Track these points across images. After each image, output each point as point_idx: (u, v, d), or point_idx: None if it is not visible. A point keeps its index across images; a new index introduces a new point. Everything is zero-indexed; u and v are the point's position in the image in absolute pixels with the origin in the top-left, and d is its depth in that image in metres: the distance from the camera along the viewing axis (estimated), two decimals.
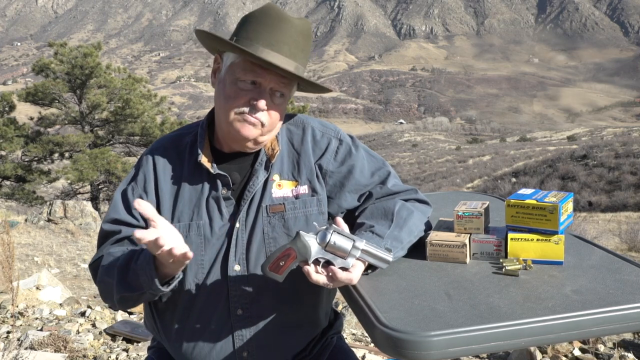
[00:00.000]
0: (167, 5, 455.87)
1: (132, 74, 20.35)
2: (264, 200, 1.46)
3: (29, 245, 10.06)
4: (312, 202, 1.49)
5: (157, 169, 1.50)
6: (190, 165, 1.49)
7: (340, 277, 1.27)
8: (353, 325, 4.62)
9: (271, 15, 1.38)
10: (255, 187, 1.46)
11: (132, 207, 1.47)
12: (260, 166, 1.47)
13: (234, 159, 1.50)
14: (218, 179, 1.46)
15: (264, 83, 1.38)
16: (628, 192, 33.12)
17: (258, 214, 1.46)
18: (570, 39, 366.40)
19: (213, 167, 1.46)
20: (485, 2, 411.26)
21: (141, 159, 1.54)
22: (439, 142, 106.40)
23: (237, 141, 1.44)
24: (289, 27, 1.38)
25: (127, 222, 1.47)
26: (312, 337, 1.57)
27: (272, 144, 1.50)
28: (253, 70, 1.37)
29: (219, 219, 1.45)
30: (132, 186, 1.50)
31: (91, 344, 3.92)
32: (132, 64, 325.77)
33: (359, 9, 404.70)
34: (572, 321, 1.13)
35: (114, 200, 1.52)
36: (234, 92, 1.39)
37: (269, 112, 1.40)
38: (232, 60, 1.41)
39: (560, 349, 3.56)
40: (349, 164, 1.52)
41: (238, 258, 1.44)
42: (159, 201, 1.47)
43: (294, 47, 1.39)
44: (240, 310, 1.44)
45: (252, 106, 1.38)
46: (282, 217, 1.46)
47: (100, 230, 1.52)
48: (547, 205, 1.37)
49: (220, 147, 1.50)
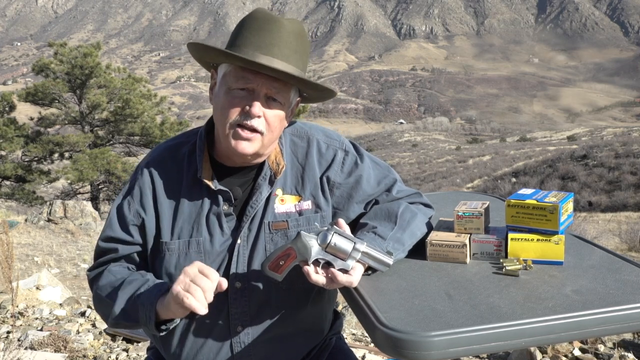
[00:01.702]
0: (167, 5, 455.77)
1: (132, 74, 20.36)
2: (266, 216, 1.43)
3: (29, 245, 10.05)
4: (315, 219, 1.46)
5: (155, 183, 1.45)
6: (189, 178, 1.44)
7: (340, 279, 1.26)
8: (353, 325, 4.62)
9: (259, 19, 1.34)
10: (258, 204, 1.42)
11: (128, 223, 1.43)
12: (264, 181, 1.43)
13: (236, 172, 1.45)
14: (219, 194, 1.42)
15: (256, 89, 1.33)
16: (628, 192, 33.13)
17: (260, 231, 1.42)
18: (570, 39, 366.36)
19: (214, 183, 1.41)
20: (485, 2, 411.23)
21: (137, 171, 1.49)
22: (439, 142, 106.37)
23: (237, 156, 1.40)
24: (278, 29, 1.33)
25: (123, 239, 1.44)
26: (314, 345, 1.55)
27: (277, 157, 1.46)
28: (244, 76, 1.33)
29: (220, 235, 1.42)
30: (129, 201, 1.45)
31: (91, 344, 3.92)
32: (132, 64, 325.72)
33: (359, 9, 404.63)
34: (572, 321, 1.13)
35: (110, 215, 1.47)
36: (228, 102, 1.34)
37: (266, 119, 1.35)
38: (224, 71, 1.37)
39: (560, 349, 3.56)
40: (356, 175, 1.50)
41: (239, 274, 1.42)
42: (158, 216, 1.43)
43: (285, 48, 1.33)
44: (240, 327, 1.43)
45: (246, 114, 1.33)
46: (285, 235, 1.43)
47: (96, 246, 1.50)
48: (547, 206, 1.37)
49: (220, 160, 1.45)
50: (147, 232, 1.43)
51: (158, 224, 1.43)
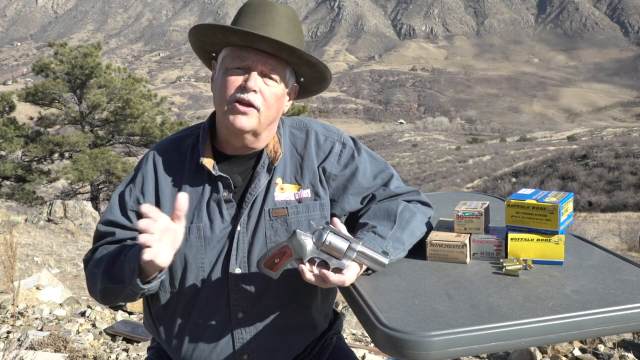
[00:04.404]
0: (167, 5, 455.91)
1: (132, 74, 20.35)
2: (266, 204, 1.45)
3: (29, 245, 10.06)
4: (315, 206, 1.48)
5: (158, 171, 1.49)
6: (192, 167, 1.48)
7: (331, 280, 1.27)
8: (353, 325, 4.63)
9: (253, 3, 1.41)
10: (257, 190, 1.45)
11: (127, 209, 1.46)
12: (262, 169, 1.47)
13: (236, 161, 1.49)
14: (219, 181, 1.45)
15: (252, 65, 1.38)
16: (628, 192, 33.16)
17: (260, 217, 1.45)
18: (570, 39, 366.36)
19: (215, 169, 1.45)
20: (485, 2, 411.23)
21: (142, 161, 1.53)
22: (439, 142, 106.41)
23: (235, 135, 1.43)
24: (272, 10, 1.39)
25: (121, 224, 1.46)
26: (312, 340, 1.57)
27: (275, 146, 1.49)
28: (240, 55, 1.38)
29: (220, 221, 1.44)
30: (130, 187, 1.49)
31: (91, 344, 3.92)
32: (132, 64, 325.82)
33: (359, 9, 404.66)
34: (572, 321, 1.13)
35: (111, 201, 1.51)
36: (225, 81, 1.39)
37: (262, 95, 1.38)
38: (223, 55, 1.43)
39: (560, 349, 3.56)
40: (352, 167, 1.52)
41: (239, 261, 1.43)
42: (159, 203, 1.46)
43: (279, 28, 1.38)
44: (241, 314, 1.44)
45: (242, 88, 1.37)
46: (284, 221, 1.46)
47: (95, 230, 1.52)
48: (547, 205, 1.37)
49: (222, 148, 1.49)
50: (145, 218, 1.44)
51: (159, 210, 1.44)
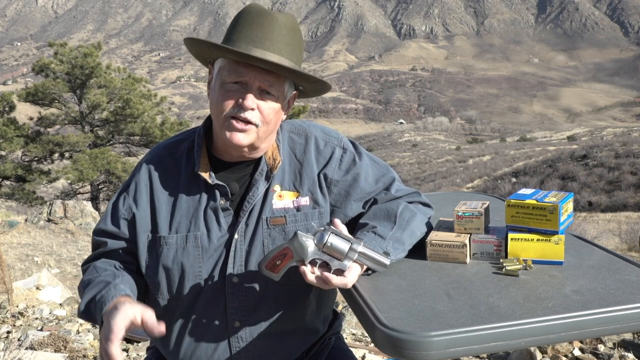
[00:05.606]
0: (167, 5, 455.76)
1: (132, 74, 20.36)
2: (264, 212, 1.43)
3: (29, 245, 10.05)
4: (313, 214, 1.46)
5: (153, 179, 1.47)
6: (187, 174, 1.45)
7: (333, 282, 1.26)
8: (353, 325, 4.63)
9: (252, 13, 1.37)
10: (255, 199, 1.43)
11: (119, 217, 1.46)
12: (260, 176, 1.44)
13: (233, 167, 1.46)
14: (216, 189, 1.43)
15: (249, 82, 1.35)
16: (628, 192, 33.17)
17: (258, 226, 1.43)
18: (570, 39, 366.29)
19: (211, 178, 1.42)
20: (485, 2, 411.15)
21: (136, 168, 1.52)
22: (439, 142, 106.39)
23: (233, 148, 1.41)
24: (271, 22, 1.35)
25: (112, 233, 1.46)
26: (310, 343, 1.55)
27: (274, 153, 1.47)
28: (237, 70, 1.35)
29: (217, 230, 1.42)
30: (124, 196, 1.48)
31: (91, 344, 3.92)
32: (132, 64, 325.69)
33: (359, 9, 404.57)
34: (572, 321, 1.13)
35: (106, 209, 1.51)
36: (222, 95, 1.36)
37: (260, 111, 1.36)
38: (219, 65, 1.39)
39: (560, 349, 3.56)
40: (353, 173, 1.50)
41: (236, 270, 1.42)
42: (154, 211, 1.44)
43: (278, 41, 1.35)
44: (238, 322, 1.43)
45: (239, 106, 1.35)
46: (282, 230, 1.43)
47: (92, 238, 1.53)
48: (547, 205, 1.37)
49: (218, 155, 1.47)
50: (138, 227, 1.44)
51: (154, 219, 1.44)
